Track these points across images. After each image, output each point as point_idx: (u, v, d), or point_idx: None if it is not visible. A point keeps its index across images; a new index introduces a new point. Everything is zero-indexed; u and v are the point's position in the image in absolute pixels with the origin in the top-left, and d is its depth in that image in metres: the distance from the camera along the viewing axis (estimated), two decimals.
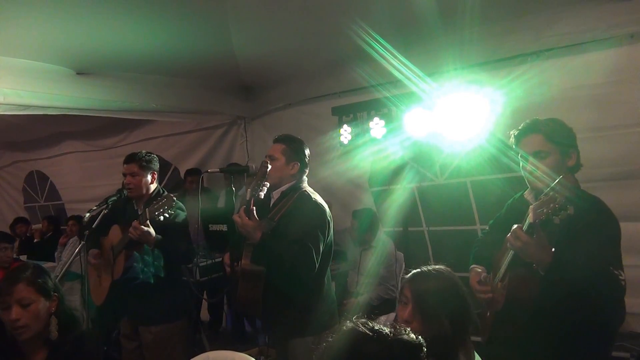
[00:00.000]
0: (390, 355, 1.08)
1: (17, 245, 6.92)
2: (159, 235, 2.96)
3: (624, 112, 3.07)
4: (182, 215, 3.19)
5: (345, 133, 3.94)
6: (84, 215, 3.09)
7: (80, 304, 3.49)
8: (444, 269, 1.71)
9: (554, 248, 1.86)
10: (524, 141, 2.14)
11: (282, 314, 2.62)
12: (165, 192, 3.16)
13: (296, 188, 2.71)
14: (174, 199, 2.95)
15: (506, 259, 2.05)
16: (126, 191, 3.20)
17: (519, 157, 2.17)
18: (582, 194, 2.03)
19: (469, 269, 2.35)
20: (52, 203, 8.20)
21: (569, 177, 1.82)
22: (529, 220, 1.84)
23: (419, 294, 1.63)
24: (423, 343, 1.14)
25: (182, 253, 3.15)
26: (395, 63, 3.55)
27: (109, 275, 3.15)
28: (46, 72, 3.80)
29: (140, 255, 3.02)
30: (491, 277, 2.21)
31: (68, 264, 3.48)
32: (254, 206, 2.48)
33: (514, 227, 1.92)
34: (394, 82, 3.79)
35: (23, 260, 5.52)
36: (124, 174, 3.19)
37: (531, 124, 2.14)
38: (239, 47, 3.83)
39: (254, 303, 2.56)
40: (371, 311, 3.92)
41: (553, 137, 2.07)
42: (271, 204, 2.74)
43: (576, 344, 1.92)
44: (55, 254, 5.76)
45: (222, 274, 4.89)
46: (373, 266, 4.19)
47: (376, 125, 3.71)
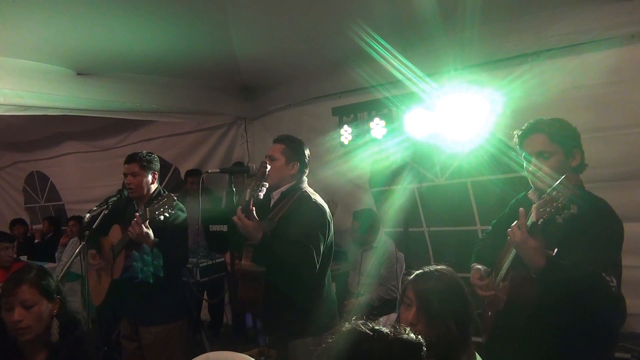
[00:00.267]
0: (390, 354, 1.08)
1: (16, 246, 6.92)
2: (156, 238, 2.95)
3: (624, 113, 3.07)
4: (182, 216, 3.18)
5: (345, 133, 3.94)
6: (85, 216, 3.09)
7: (80, 304, 3.48)
8: (446, 270, 1.70)
9: (556, 248, 1.85)
10: (527, 141, 2.14)
11: (283, 314, 2.62)
12: (166, 192, 3.15)
13: (296, 188, 2.71)
14: (175, 198, 2.95)
15: (508, 258, 2.05)
16: (127, 191, 3.19)
17: (522, 157, 2.16)
18: (586, 195, 2.02)
19: (471, 268, 2.35)
20: (53, 203, 8.20)
21: (572, 178, 1.80)
22: (532, 219, 1.84)
23: (423, 296, 1.62)
24: (423, 342, 1.14)
25: (176, 258, 3.13)
26: (396, 63, 3.55)
27: (108, 275, 3.15)
28: (46, 73, 3.80)
29: (139, 255, 3.01)
30: (493, 276, 2.20)
31: (68, 265, 3.48)
32: (254, 207, 2.48)
33: (516, 222, 1.91)
34: (395, 83, 3.79)
35: (24, 260, 5.51)
36: (125, 174, 3.19)
37: (535, 124, 2.14)
38: (240, 48, 3.83)
39: (254, 303, 2.56)
40: (372, 312, 3.91)
41: (556, 137, 2.06)
42: (271, 204, 2.74)
43: (575, 345, 1.92)
44: (56, 254, 5.75)
45: (224, 274, 4.91)
46: (374, 267, 4.19)
47: (376, 125, 3.71)
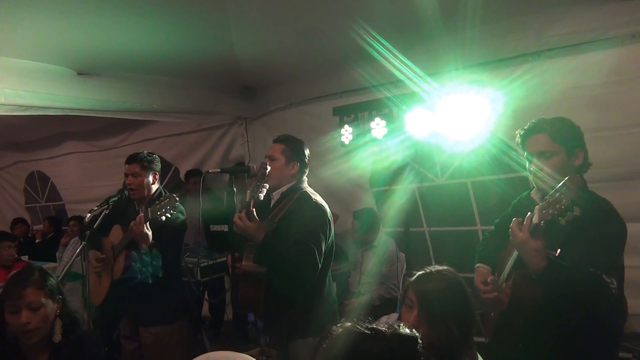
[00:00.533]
0: (390, 351, 1.09)
1: (16, 245, 6.91)
2: (153, 240, 2.95)
3: (625, 112, 3.07)
4: (181, 219, 3.17)
5: (346, 133, 3.94)
6: (85, 216, 3.09)
7: (81, 304, 3.48)
8: (448, 270, 1.68)
9: (559, 249, 1.85)
10: (529, 141, 2.13)
11: (283, 314, 2.62)
12: (167, 193, 3.15)
13: (296, 189, 2.71)
14: (177, 199, 2.94)
15: (511, 259, 2.04)
16: (127, 191, 3.19)
17: (524, 157, 2.15)
18: (589, 195, 2.01)
19: (474, 268, 2.34)
20: (53, 203, 8.21)
21: (574, 179, 1.79)
22: (534, 220, 1.83)
23: (425, 298, 1.61)
24: (418, 336, 1.15)
25: (168, 260, 3.08)
26: (397, 63, 3.55)
27: (109, 275, 3.15)
28: (47, 73, 3.80)
29: (138, 255, 3.01)
30: (496, 276, 2.19)
31: (69, 265, 3.48)
32: (254, 207, 2.48)
33: (515, 221, 1.91)
34: (395, 83, 3.79)
35: (25, 260, 5.51)
36: (126, 175, 3.18)
37: (537, 123, 2.13)
38: (240, 48, 3.83)
39: (255, 304, 2.55)
40: (373, 311, 3.92)
41: (558, 137, 2.05)
42: (271, 204, 2.74)
43: (578, 345, 1.92)
44: (57, 254, 5.75)
45: (224, 274, 4.92)
46: (375, 266, 4.19)
47: (377, 125, 3.70)
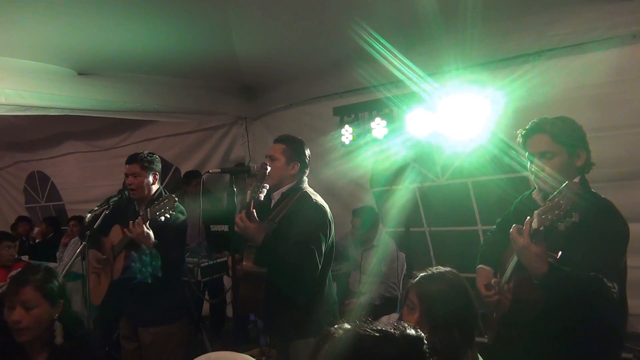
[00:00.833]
0: (400, 353, 1.06)
1: (18, 244, 6.92)
2: (156, 240, 2.95)
3: (626, 112, 3.06)
4: (181, 219, 3.17)
5: (346, 133, 3.93)
6: (86, 216, 3.09)
7: (81, 304, 3.48)
8: (451, 272, 1.66)
9: (560, 252, 1.84)
10: (530, 141, 2.12)
11: (284, 315, 2.62)
12: (167, 193, 3.15)
13: (297, 189, 2.71)
14: (176, 199, 2.94)
15: (513, 259, 2.03)
16: (127, 192, 3.19)
17: (526, 157, 2.14)
18: (591, 197, 1.99)
19: (476, 269, 2.33)
20: (53, 203, 8.20)
21: (573, 185, 1.76)
22: (534, 225, 1.82)
23: (427, 301, 1.58)
24: (424, 336, 1.12)
25: (172, 260, 3.11)
26: (397, 63, 3.54)
27: (108, 275, 3.14)
28: (48, 73, 3.80)
29: (137, 255, 3.01)
30: (498, 276, 2.18)
31: (69, 265, 3.48)
32: (254, 208, 2.48)
33: (516, 227, 1.90)
34: (396, 83, 3.78)
35: (25, 260, 5.51)
36: (126, 175, 3.18)
37: (538, 123, 2.11)
38: (241, 48, 3.82)
39: (256, 304, 2.55)
40: (373, 311, 3.92)
41: (559, 138, 2.04)
42: (272, 205, 2.74)
43: (580, 347, 1.91)
44: (57, 254, 5.76)
45: (224, 274, 4.91)
46: (375, 265, 4.18)
47: (378, 125, 3.69)
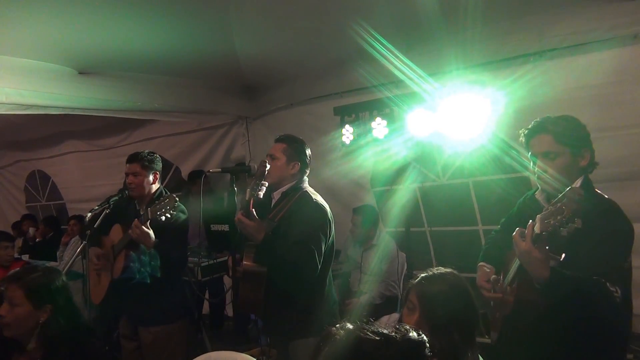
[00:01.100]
0: (402, 357, 1.04)
1: (21, 243, 6.94)
2: (157, 239, 2.95)
3: (627, 113, 3.06)
4: (182, 218, 3.16)
5: (347, 133, 3.93)
6: (86, 215, 3.09)
7: (81, 303, 3.48)
8: (451, 273, 1.65)
9: (563, 254, 1.82)
10: (533, 141, 2.09)
11: (284, 314, 2.61)
12: (168, 193, 3.15)
13: (297, 188, 2.70)
14: (177, 199, 2.94)
15: (516, 262, 2.01)
16: (128, 191, 3.19)
17: (528, 157, 2.12)
18: (594, 199, 1.96)
19: (477, 267, 2.31)
20: (54, 202, 8.21)
21: (575, 191, 1.72)
22: (536, 230, 1.79)
23: (427, 302, 1.57)
24: (426, 339, 1.10)
25: (174, 260, 3.11)
26: (398, 63, 3.54)
27: (108, 274, 3.14)
28: (48, 72, 3.79)
29: (136, 255, 3.01)
30: (501, 278, 2.16)
31: (70, 264, 3.48)
32: (254, 207, 2.47)
33: (519, 230, 1.88)
34: (396, 82, 3.78)
35: (25, 260, 5.50)
36: (127, 174, 3.18)
37: (541, 123, 2.08)
38: (241, 47, 3.82)
39: (256, 304, 2.55)
40: (374, 310, 3.91)
41: (563, 138, 2.01)
42: (272, 204, 2.74)
43: (582, 350, 1.89)
44: (57, 253, 5.75)
45: (224, 274, 4.91)
46: (376, 264, 4.18)
47: (378, 125, 3.69)
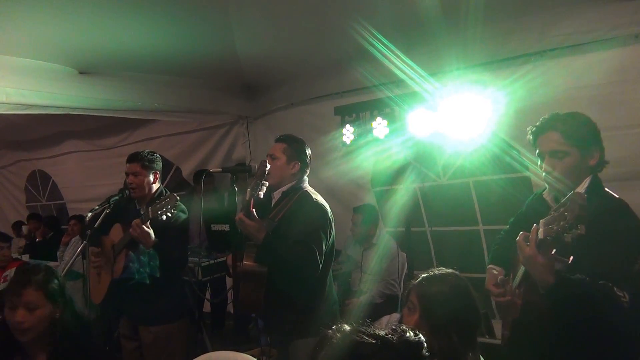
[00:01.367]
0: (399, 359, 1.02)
1: (24, 243, 6.95)
2: (156, 239, 2.95)
3: (628, 113, 3.05)
4: (183, 217, 3.16)
5: (347, 133, 3.92)
6: (86, 215, 3.08)
7: (82, 303, 3.49)
8: (452, 274, 1.64)
9: (571, 257, 1.79)
10: (541, 139, 2.02)
11: (284, 314, 2.61)
12: (168, 192, 3.14)
13: (297, 188, 2.71)
14: (177, 198, 2.94)
15: (522, 268, 1.97)
16: (128, 191, 3.18)
17: (536, 156, 2.07)
18: (602, 199, 1.91)
19: (486, 269, 2.28)
20: (54, 202, 8.21)
21: (579, 197, 1.67)
22: (540, 235, 1.76)
23: (427, 303, 1.56)
24: (424, 340, 1.07)
25: (174, 259, 3.11)
26: (398, 63, 3.53)
27: (108, 274, 3.14)
28: (49, 72, 3.79)
29: (135, 256, 3.01)
30: (510, 279, 2.12)
31: (70, 264, 3.48)
32: (254, 206, 2.47)
33: (523, 234, 1.86)
34: (397, 82, 3.78)
35: (24, 259, 5.50)
36: (127, 174, 3.18)
37: (549, 120, 2.02)
38: (242, 47, 3.82)
39: (256, 304, 2.55)
40: (374, 310, 3.91)
41: (572, 137, 1.94)
42: (272, 204, 2.73)
43: (588, 353, 1.86)
44: (58, 252, 5.76)
45: (225, 274, 4.91)
46: (376, 263, 4.18)
47: (379, 125, 3.69)
